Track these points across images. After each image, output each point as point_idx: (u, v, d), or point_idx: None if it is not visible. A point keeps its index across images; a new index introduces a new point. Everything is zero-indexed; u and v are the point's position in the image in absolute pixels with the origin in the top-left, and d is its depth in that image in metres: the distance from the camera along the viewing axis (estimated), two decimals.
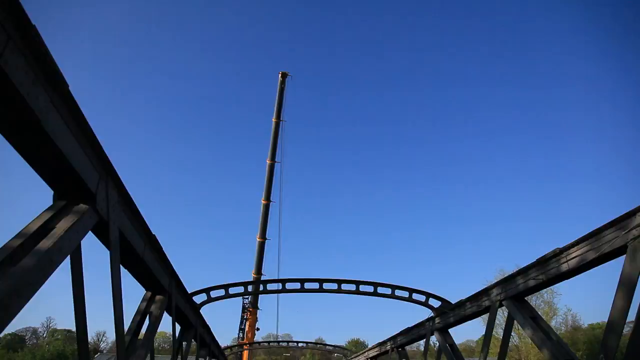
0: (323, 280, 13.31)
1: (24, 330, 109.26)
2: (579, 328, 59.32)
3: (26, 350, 52.14)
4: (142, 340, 7.64)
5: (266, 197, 52.33)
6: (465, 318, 11.57)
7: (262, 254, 52.00)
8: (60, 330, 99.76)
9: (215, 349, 17.09)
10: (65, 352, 45.82)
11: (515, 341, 58.53)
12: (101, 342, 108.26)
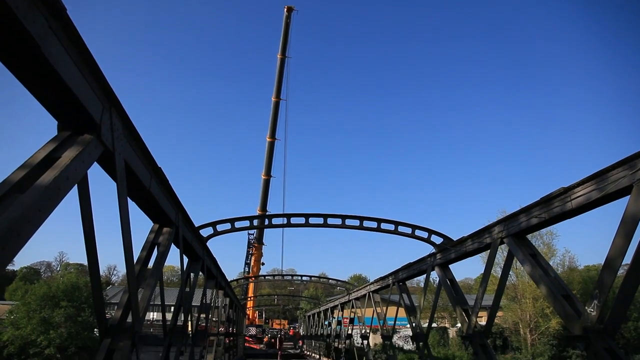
0: (327, 216, 13.48)
1: (39, 264, 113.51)
2: (575, 269, 60.67)
3: (41, 282, 54.10)
4: (151, 270, 7.87)
5: (271, 134, 52.23)
6: (466, 254, 11.79)
7: (267, 191, 52.62)
8: (73, 264, 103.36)
9: (222, 281, 17.68)
10: (78, 283, 47.43)
11: (513, 279, 60.12)
12: (112, 275, 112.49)
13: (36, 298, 43.51)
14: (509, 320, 60.15)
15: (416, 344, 14.79)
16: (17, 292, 68.38)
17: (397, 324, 18.79)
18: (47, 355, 42.56)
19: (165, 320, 9.78)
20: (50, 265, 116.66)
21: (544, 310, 55.69)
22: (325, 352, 33.92)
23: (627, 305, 7.46)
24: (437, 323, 62.72)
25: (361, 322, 23.29)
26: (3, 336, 42.69)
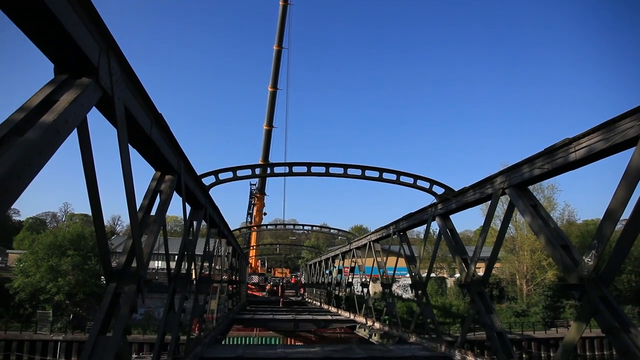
0: (329, 165, 13.43)
1: (44, 214, 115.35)
2: (574, 223, 61.34)
3: (48, 232, 55.09)
4: (154, 217, 7.93)
5: (273, 84, 51.51)
6: (467, 205, 11.85)
7: (269, 142, 52.49)
8: (78, 215, 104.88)
9: (224, 230, 17.91)
10: (83, 233, 48.28)
11: (512, 232, 60.94)
12: (117, 226, 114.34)
13: (43, 247, 44.52)
14: (506, 272, 61.44)
15: (415, 292, 15.13)
16: (24, 242, 69.71)
17: (396, 274, 19.18)
18: (57, 302, 43.99)
19: (170, 267, 9.97)
20: (56, 216, 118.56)
21: (540, 262, 56.78)
22: (326, 299, 34.83)
23: (624, 256, 7.53)
24: (436, 273, 64.15)
25: (361, 270, 23.79)
26: (14, 283, 44.03)
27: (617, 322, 7.33)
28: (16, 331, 42.55)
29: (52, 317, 44.47)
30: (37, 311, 44.91)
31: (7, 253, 76.47)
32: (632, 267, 54.24)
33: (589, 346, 47.41)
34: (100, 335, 6.14)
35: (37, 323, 44.01)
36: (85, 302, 45.71)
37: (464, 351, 11.59)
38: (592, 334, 46.43)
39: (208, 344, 13.14)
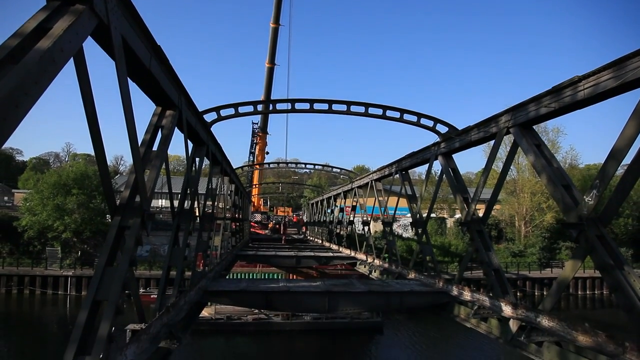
0: (332, 102, 13.20)
1: (47, 154, 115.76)
2: (576, 167, 61.42)
3: (51, 171, 55.50)
4: (156, 152, 7.90)
5: (275, 20, 49.87)
6: (471, 144, 11.77)
7: (270, 80, 51.54)
8: (81, 155, 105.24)
9: (227, 167, 17.95)
10: (87, 172, 48.61)
11: (514, 174, 61.22)
12: (120, 165, 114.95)
13: (48, 186, 45.07)
14: (505, 213, 62.31)
15: (415, 230, 15.38)
16: (29, 182, 70.54)
17: (397, 214, 19.41)
18: (65, 239, 45.09)
19: (173, 203, 10.08)
20: (59, 156, 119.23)
21: (540, 205, 57.47)
22: (328, 237, 35.55)
23: (625, 196, 7.54)
24: (436, 213, 65.02)
25: (363, 209, 24.10)
26: (21, 221, 44.98)
27: (612, 260, 7.46)
28: (27, 267, 43.98)
29: (61, 254, 45.76)
30: (46, 248, 46.18)
31: (13, 192, 77.59)
32: (630, 210, 54.89)
33: (581, 286, 48.90)
34: (107, 266, 6.30)
35: (47, 260, 45.40)
36: (92, 240, 46.86)
37: (460, 287, 11.92)
38: (585, 275, 47.82)
39: (212, 278, 13.54)
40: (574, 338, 7.64)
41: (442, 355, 28.24)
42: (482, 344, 29.09)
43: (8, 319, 35.22)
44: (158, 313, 8.02)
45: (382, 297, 12.31)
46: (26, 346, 28.44)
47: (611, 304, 45.63)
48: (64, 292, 42.60)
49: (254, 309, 28.20)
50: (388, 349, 29.76)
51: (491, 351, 28.18)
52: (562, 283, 8.96)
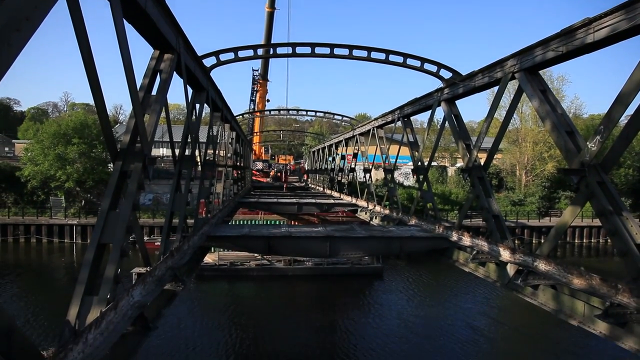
0: (334, 45, 12.85)
1: (45, 104, 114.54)
2: (580, 117, 60.79)
3: (51, 121, 55.07)
4: (155, 96, 7.80)
5: None
6: (475, 90, 11.57)
7: (271, 25, 50.14)
8: (79, 104, 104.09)
9: (228, 114, 17.79)
10: (87, 121, 48.22)
11: (516, 124, 60.76)
12: (120, 115, 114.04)
13: (48, 136, 44.87)
14: (506, 162, 62.35)
15: (417, 177, 15.42)
16: (28, 132, 70.19)
17: (398, 162, 19.41)
18: (68, 189, 45.41)
19: (174, 150, 10.07)
20: (57, 106, 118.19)
21: (542, 154, 57.39)
22: (329, 185, 35.75)
23: (628, 143, 7.49)
24: (437, 162, 65.10)
25: (364, 156, 24.09)
26: (24, 172, 45.11)
27: (611, 206, 7.50)
28: (32, 216, 44.58)
29: (65, 203, 46.23)
30: (50, 198, 46.61)
31: (13, 143, 77.45)
32: (632, 161, 54.85)
33: (579, 234, 49.61)
34: (110, 210, 6.36)
35: (51, 209, 45.92)
36: (95, 189, 47.23)
37: (460, 232, 12.09)
38: (582, 224, 48.42)
39: (215, 224, 13.72)
40: (569, 281, 7.81)
41: (438, 300, 29.08)
42: (478, 290, 29.95)
43: (17, 266, 36.10)
44: (162, 257, 8.18)
45: (382, 242, 12.52)
46: (36, 290, 29.33)
47: (606, 252, 46.50)
48: (70, 240, 43.38)
49: (256, 253, 28.81)
50: (387, 293, 30.62)
51: (483, 297, 29.01)
52: (560, 228, 9.06)
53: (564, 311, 7.93)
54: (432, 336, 22.56)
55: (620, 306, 6.55)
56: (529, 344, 21.73)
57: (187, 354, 19.62)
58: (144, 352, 6.61)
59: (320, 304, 27.77)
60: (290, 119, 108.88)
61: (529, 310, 24.20)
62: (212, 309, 26.03)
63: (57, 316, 19.35)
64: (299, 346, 20.91)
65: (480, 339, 21.98)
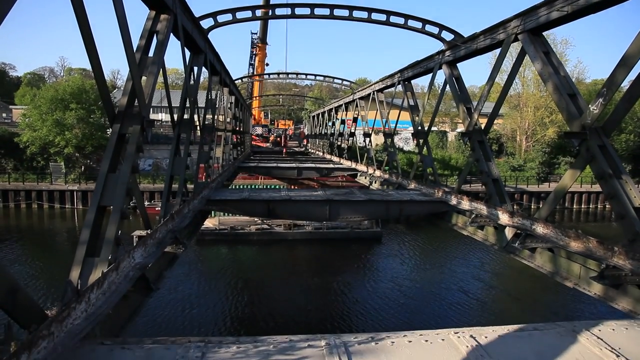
0: (333, 7, 12.50)
1: (42, 69, 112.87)
2: (582, 82, 59.99)
3: (47, 86, 54.31)
4: (152, 58, 7.67)
5: None
6: (477, 52, 11.40)
7: None
8: (76, 69, 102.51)
9: (226, 78, 17.58)
10: (84, 86, 47.59)
11: (518, 88, 60.14)
12: (117, 80, 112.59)
13: (45, 101, 44.43)
14: (507, 128, 62.04)
15: (417, 141, 15.36)
16: (25, 97, 69.35)
17: (398, 127, 19.30)
18: (67, 154, 45.30)
19: (173, 114, 9.98)
20: (53, 71, 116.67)
21: (543, 120, 57.02)
22: (329, 150, 35.67)
23: (631, 106, 7.43)
24: (438, 127, 64.79)
25: (364, 121, 23.94)
26: (22, 137, 44.86)
27: (611, 169, 7.50)
28: (33, 182, 44.61)
29: (65, 169, 46.21)
30: (50, 164, 46.53)
31: (11, 109, 76.77)
32: (633, 127, 54.55)
33: (577, 199, 49.82)
34: (110, 173, 6.35)
35: (51, 175, 45.91)
36: (94, 155, 47.13)
37: (459, 196, 12.13)
38: (581, 189, 48.60)
39: (215, 188, 13.75)
40: (566, 244, 7.88)
41: (435, 264, 29.48)
42: (474, 255, 30.34)
43: (19, 231, 36.42)
44: (162, 220, 8.22)
45: (381, 206, 12.57)
46: (38, 255, 29.70)
47: (604, 218, 46.85)
48: (71, 206, 43.58)
49: (256, 217, 28.98)
50: (386, 257, 31.02)
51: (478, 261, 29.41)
52: (559, 192, 9.08)
53: (560, 273, 8.03)
54: (425, 299, 22.99)
55: (616, 268, 6.63)
56: (518, 307, 22.17)
57: (185, 315, 20.02)
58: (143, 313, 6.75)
59: (319, 267, 28.17)
60: (290, 84, 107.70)
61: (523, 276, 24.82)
62: (212, 272, 26.43)
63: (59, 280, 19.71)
64: (297, 308, 21.33)
65: (472, 302, 22.41)
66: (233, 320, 20.27)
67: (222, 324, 19.73)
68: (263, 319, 20.04)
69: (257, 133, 57.41)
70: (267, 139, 56.92)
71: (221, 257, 30.10)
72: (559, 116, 52.62)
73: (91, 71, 5.90)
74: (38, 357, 3.77)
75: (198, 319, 19.62)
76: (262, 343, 4.37)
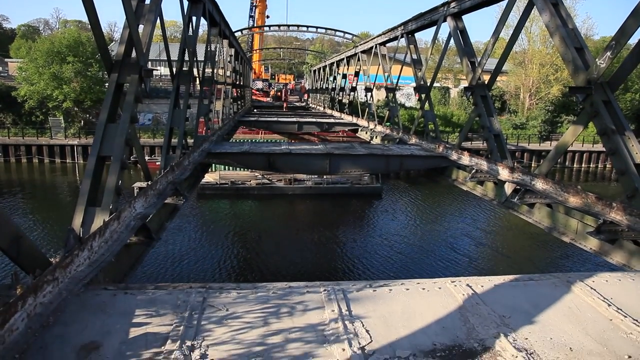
0: None
1: (36, 21, 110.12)
2: (590, 38, 58.53)
3: (43, 38, 52.99)
4: (149, 5, 7.47)
5: None
6: (483, 4, 11.13)
7: None
8: (72, 21, 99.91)
9: (226, 29, 17.18)
10: (80, 38, 46.43)
11: (524, 44, 58.91)
12: (114, 33, 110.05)
13: (42, 54, 43.50)
14: (511, 85, 61.17)
15: (419, 95, 15.19)
16: (21, 50, 67.85)
17: (400, 82, 19.01)
18: (66, 109, 44.82)
19: (172, 66, 9.82)
20: (48, 23, 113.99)
21: (548, 77, 56.10)
22: (330, 105, 35.33)
23: (639, 61, 7.27)
24: (440, 83, 63.89)
25: (366, 75, 23.57)
26: (20, 91, 44.20)
27: (614, 125, 7.45)
28: (33, 137, 44.35)
29: (64, 123, 45.82)
30: (49, 118, 46.08)
31: (7, 62, 75.34)
32: (639, 86, 53.76)
33: (578, 158, 49.67)
34: (109, 123, 6.30)
35: (51, 129, 45.58)
36: (93, 109, 46.60)
37: (460, 152, 12.10)
38: (582, 148, 48.42)
39: (215, 141, 13.70)
40: (565, 199, 7.92)
41: (432, 220, 29.77)
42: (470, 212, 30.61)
43: (21, 185, 36.59)
44: (163, 171, 8.24)
45: (382, 160, 12.58)
46: (40, 208, 29.97)
47: (604, 177, 46.92)
48: (71, 160, 43.53)
49: (256, 170, 28.97)
50: (385, 212, 31.27)
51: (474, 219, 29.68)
52: (560, 148, 9.05)
53: (558, 228, 8.12)
54: (422, 253, 23.33)
55: (613, 223, 6.69)
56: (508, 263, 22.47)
57: (184, 266, 20.38)
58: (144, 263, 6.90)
59: (319, 221, 28.45)
60: (291, 37, 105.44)
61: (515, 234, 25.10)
62: (212, 225, 26.74)
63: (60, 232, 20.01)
64: (296, 260, 21.68)
65: (463, 258, 22.73)
66: (234, 270, 20.68)
67: (224, 273, 20.13)
68: (262, 270, 20.44)
69: (257, 87, 56.69)
70: (268, 93, 56.25)
71: (221, 211, 30.36)
72: (564, 74, 51.74)
73: (87, 23, 5.76)
74: (44, 301, 3.86)
75: (198, 270, 20.00)
76: (262, 289, 4.46)
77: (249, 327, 3.74)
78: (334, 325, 3.81)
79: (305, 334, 3.67)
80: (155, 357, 3.30)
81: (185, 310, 3.99)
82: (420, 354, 3.46)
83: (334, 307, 4.11)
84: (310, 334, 3.67)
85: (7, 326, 3.25)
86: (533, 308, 4.29)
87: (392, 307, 4.18)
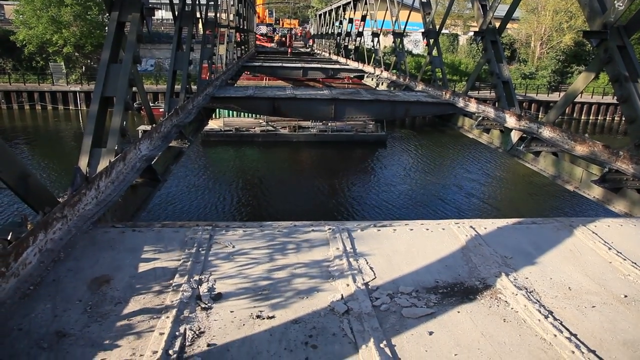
0: None
1: None
2: None
3: None
4: None
5: None
6: None
7: None
8: None
9: None
10: None
11: None
12: None
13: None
14: (522, 33, 59.41)
15: (427, 41, 14.80)
16: None
17: (408, 29, 18.42)
18: (67, 54, 43.96)
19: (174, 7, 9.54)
20: None
21: (561, 25, 54.31)
22: (335, 50, 34.57)
23: None
24: (449, 30, 62.08)
25: (373, 19, 22.88)
26: (18, 36, 43.11)
27: (627, 72, 7.29)
28: (34, 83, 43.79)
29: (65, 69, 45.10)
30: (50, 64, 45.29)
31: (2, 5, 73.22)
32: None
33: (586, 111, 48.87)
34: (111, 63, 6.20)
35: (52, 75, 44.91)
36: (94, 54, 45.69)
37: (467, 98, 11.92)
38: (592, 100, 47.54)
39: (219, 86, 13.53)
40: (571, 148, 7.87)
41: (436, 168, 29.79)
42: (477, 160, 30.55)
43: (25, 131, 36.56)
44: (167, 114, 8.18)
45: (388, 106, 12.43)
46: (45, 154, 30.10)
47: (612, 130, 46.38)
48: (74, 107, 43.16)
49: (260, 114, 28.74)
50: (389, 159, 31.27)
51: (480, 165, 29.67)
52: (570, 95, 8.91)
53: (562, 177, 8.12)
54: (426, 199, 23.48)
55: (618, 172, 6.69)
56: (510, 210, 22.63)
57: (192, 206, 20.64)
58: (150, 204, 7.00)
59: (323, 168, 28.53)
60: None
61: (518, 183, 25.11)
62: (217, 171, 26.87)
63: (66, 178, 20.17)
64: (301, 204, 21.88)
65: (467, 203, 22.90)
66: (239, 213, 20.94)
67: (229, 216, 20.39)
68: (269, 211, 20.68)
69: (261, 32, 55.34)
70: (272, 38, 54.98)
71: (226, 157, 30.41)
72: (578, 21, 50.08)
73: None
74: (54, 237, 3.95)
75: (204, 213, 20.24)
76: (267, 227, 4.53)
77: (255, 263, 3.83)
78: (338, 262, 3.89)
79: (310, 270, 3.75)
80: (164, 289, 3.39)
81: (193, 246, 4.07)
82: (423, 290, 3.55)
83: (338, 244, 4.18)
84: (315, 270, 3.76)
85: (21, 260, 3.35)
86: (535, 250, 4.36)
87: (395, 246, 4.26)
